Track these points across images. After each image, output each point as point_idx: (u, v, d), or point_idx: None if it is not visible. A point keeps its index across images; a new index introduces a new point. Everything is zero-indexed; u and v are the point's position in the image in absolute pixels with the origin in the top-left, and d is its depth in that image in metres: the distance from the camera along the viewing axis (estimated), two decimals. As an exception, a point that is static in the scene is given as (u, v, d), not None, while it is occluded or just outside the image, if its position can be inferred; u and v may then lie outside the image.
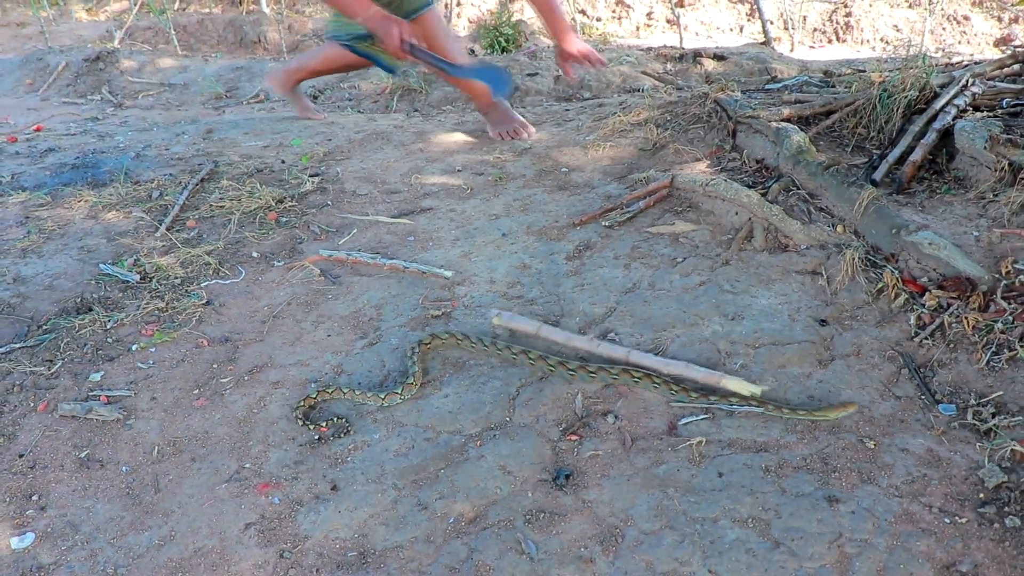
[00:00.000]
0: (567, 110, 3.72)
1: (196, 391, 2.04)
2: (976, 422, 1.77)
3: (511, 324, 2.11)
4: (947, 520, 1.54)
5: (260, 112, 4.60)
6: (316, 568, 1.55)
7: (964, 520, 1.54)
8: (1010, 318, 1.98)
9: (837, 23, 7.29)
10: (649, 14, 7.58)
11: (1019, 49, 3.26)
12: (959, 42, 6.77)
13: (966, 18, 6.96)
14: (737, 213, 2.49)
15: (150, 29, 7.15)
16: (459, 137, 3.54)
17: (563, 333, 2.06)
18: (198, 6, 8.29)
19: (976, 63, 3.39)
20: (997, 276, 2.11)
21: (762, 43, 5.78)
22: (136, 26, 7.00)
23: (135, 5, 7.26)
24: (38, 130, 4.27)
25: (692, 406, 1.85)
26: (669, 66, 4.53)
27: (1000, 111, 2.78)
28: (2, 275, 2.53)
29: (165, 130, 4.07)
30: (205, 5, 8.19)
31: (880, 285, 2.17)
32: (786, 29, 6.88)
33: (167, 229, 2.80)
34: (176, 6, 7.90)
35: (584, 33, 6.75)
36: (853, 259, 2.22)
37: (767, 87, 3.43)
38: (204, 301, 2.38)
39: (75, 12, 8.26)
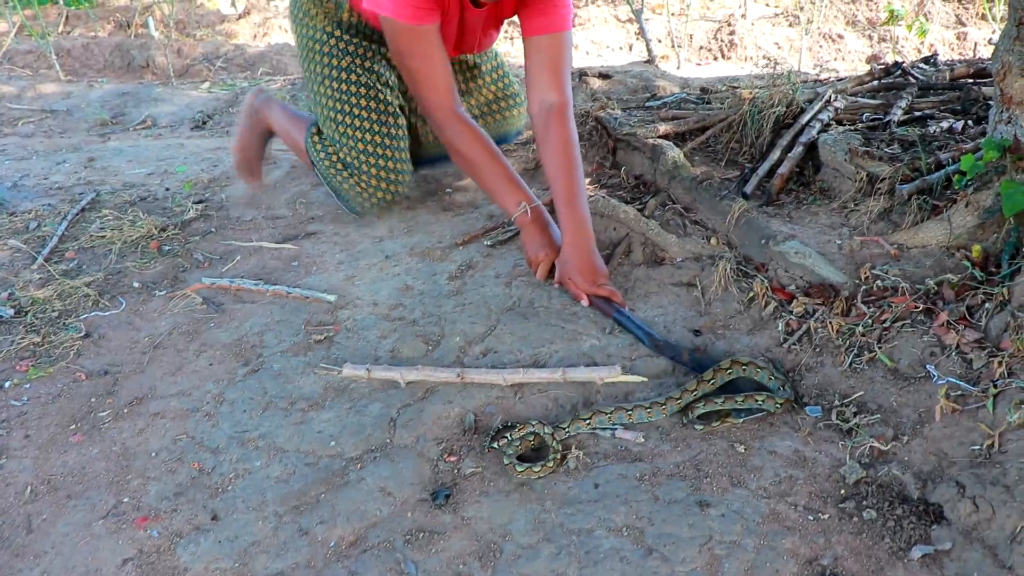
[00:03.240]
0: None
1: (73, 426, 2.00)
2: (839, 422, 1.85)
3: (361, 373, 2.09)
4: (811, 517, 1.61)
5: (147, 139, 4.52)
6: (194, 600, 1.54)
7: (826, 516, 1.62)
8: (869, 321, 2.07)
9: (722, 41, 7.49)
10: (540, 33, 7.66)
11: (877, 67, 3.42)
12: (835, 59, 7.03)
13: (840, 36, 7.25)
14: (615, 229, 2.55)
15: (31, 53, 6.94)
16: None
17: (420, 371, 2.06)
18: (84, 29, 8.09)
19: (839, 79, 3.54)
20: (858, 281, 2.21)
21: (646, 61, 5.92)
22: (16, 49, 6.80)
23: (14, 28, 7.05)
24: (-91, 161, 4.12)
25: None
26: (556, 85, 4.60)
27: (861, 125, 2.92)
28: None
29: (45, 158, 3.97)
30: (91, 29, 7.99)
31: (751, 294, 2.25)
32: (673, 47, 7.03)
33: (45, 260, 2.74)
34: (60, 29, 7.69)
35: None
36: (725, 270, 2.30)
37: (647, 104, 3.52)
38: (83, 334, 2.34)
39: (-51, 36, 7.98)
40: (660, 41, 6.99)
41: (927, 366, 1.92)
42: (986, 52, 6.38)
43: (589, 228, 2.32)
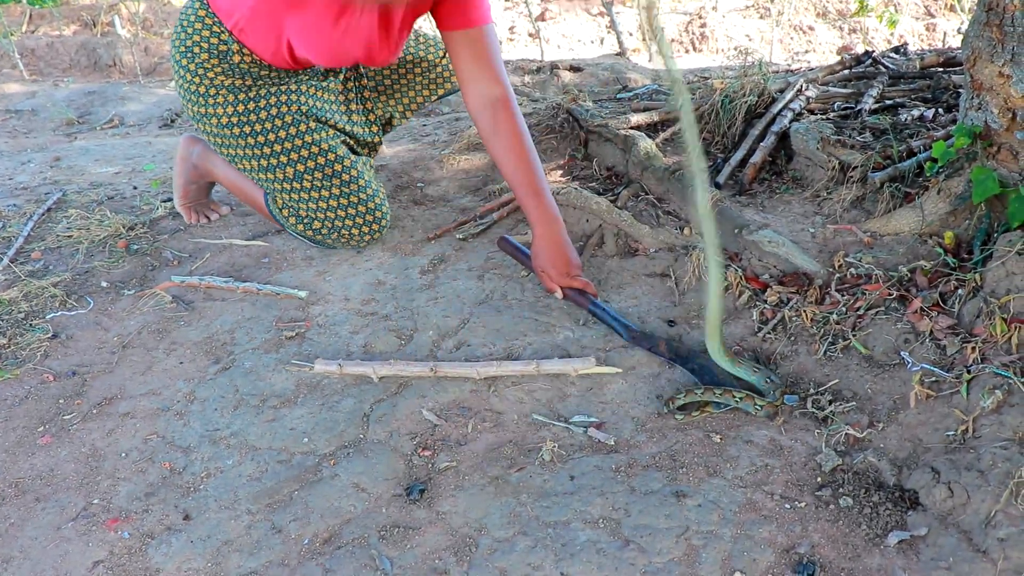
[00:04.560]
0: (424, 125, 3.73)
1: (41, 428, 1.97)
2: (815, 410, 1.85)
3: (333, 369, 2.06)
4: (787, 506, 1.61)
5: (114, 138, 4.47)
6: (166, 601, 1.51)
7: (803, 504, 1.61)
8: (843, 309, 2.07)
9: (693, 33, 7.51)
10: (512, 28, 7.67)
11: (848, 56, 3.43)
12: (806, 51, 7.07)
13: (811, 28, 7.30)
14: (588, 220, 2.54)
15: (-6, 54, 6.85)
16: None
17: (392, 365, 2.03)
18: (48, 28, 7.99)
19: (810, 69, 3.55)
20: (831, 270, 2.22)
21: (617, 54, 5.92)
22: (-24, 50, 6.70)
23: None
24: None
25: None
26: (528, 78, 4.60)
27: (832, 114, 2.93)
28: None
29: (9, 159, 3.91)
30: (56, 28, 7.90)
31: (725, 284, 2.24)
32: (644, 40, 7.05)
33: (11, 261, 2.70)
34: (24, 28, 7.59)
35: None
36: (699, 260, 2.30)
37: (619, 96, 3.52)
38: (50, 334, 2.30)
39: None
40: (631, 34, 7.00)
41: (901, 353, 1.92)
42: (956, 42, 6.43)
43: (559, 218, 2.27)
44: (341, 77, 2.60)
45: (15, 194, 3.33)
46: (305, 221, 2.53)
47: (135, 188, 3.29)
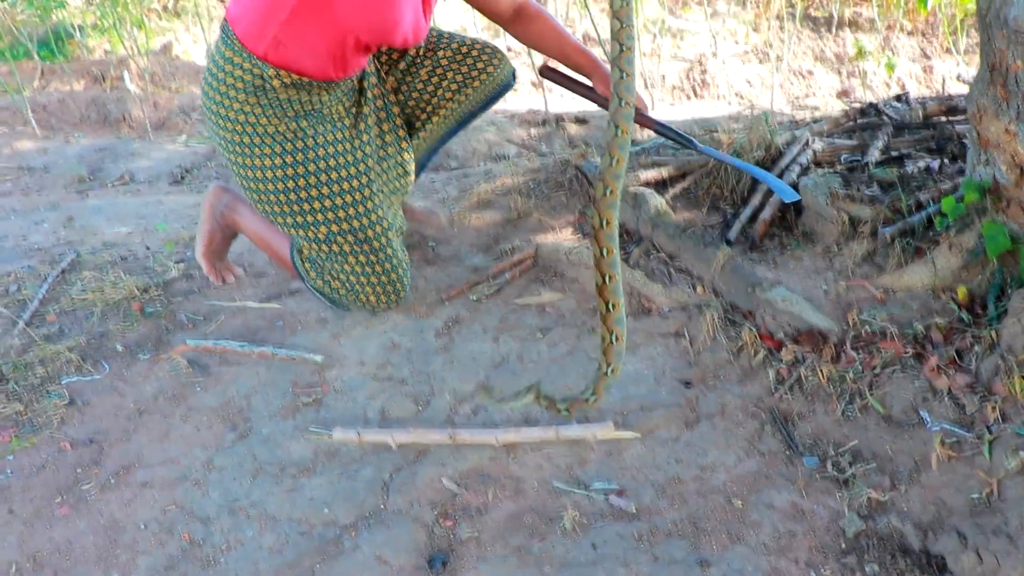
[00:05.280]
0: (433, 181, 3.75)
1: (59, 498, 1.97)
2: (835, 472, 1.85)
3: (351, 437, 2.07)
4: (813, 574, 1.61)
5: (126, 196, 4.50)
6: None
7: (828, 572, 1.61)
8: (859, 367, 2.08)
9: (694, 80, 7.56)
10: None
11: (852, 107, 3.46)
12: (806, 95, 7.12)
13: (810, 72, 7.35)
14: (601, 279, 2.55)
15: (7, 109, 6.92)
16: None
17: (411, 433, 2.05)
18: (59, 84, 8.07)
19: (815, 121, 3.58)
20: (846, 327, 2.22)
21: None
22: (-11, 106, 6.77)
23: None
24: None
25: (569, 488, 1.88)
26: (533, 131, 4.63)
27: (840, 166, 2.95)
28: None
29: (23, 217, 3.94)
30: (67, 83, 7.98)
31: (740, 343, 2.25)
32: (647, 87, 7.09)
33: (26, 325, 2.71)
34: (36, 84, 7.68)
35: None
36: (713, 319, 2.30)
37: (627, 150, 3.54)
38: (67, 400, 2.31)
39: (-78, 94, 7.93)
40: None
41: (920, 412, 1.92)
42: (954, 86, 6.48)
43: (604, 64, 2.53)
44: (374, 117, 2.59)
45: (30, 255, 3.35)
46: (326, 279, 2.52)
47: (148, 248, 3.31)
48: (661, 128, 2.45)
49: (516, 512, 1.80)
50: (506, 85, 2.77)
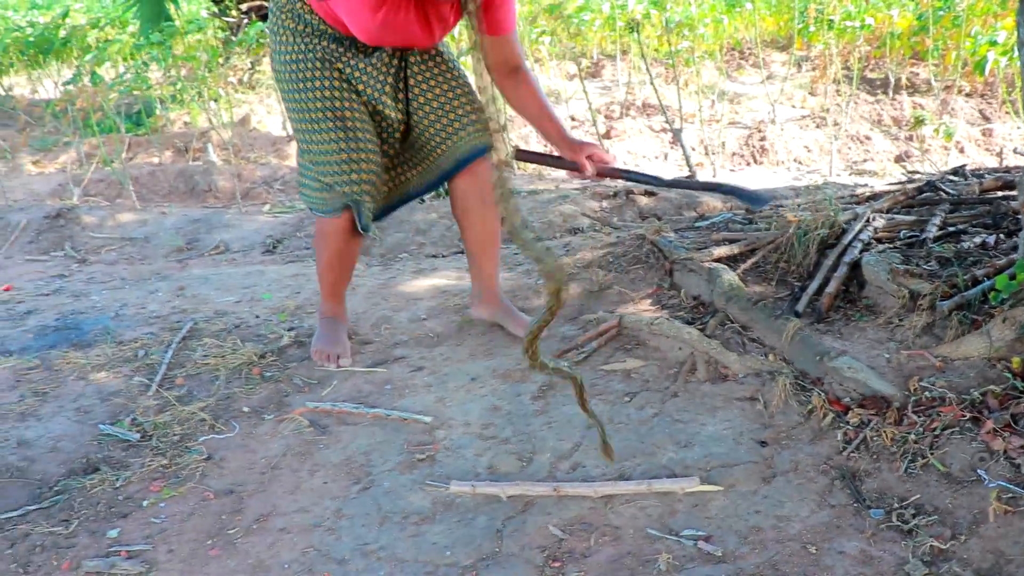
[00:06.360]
0: (515, 254, 4.04)
1: (209, 541, 2.25)
2: (900, 523, 2.06)
3: (466, 489, 2.33)
4: (881, 613, 1.82)
5: (224, 265, 4.85)
6: None
7: (895, 612, 1.82)
8: (921, 430, 2.30)
9: (753, 146, 7.80)
10: (579, 147, 8.02)
11: (909, 186, 3.69)
12: (864, 160, 7.31)
13: (867, 138, 7.56)
14: (680, 348, 2.81)
15: (102, 181, 7.36)
16: (420, 284, 3.83)
17: (520, 485, 2.31)
18: (145, 155, 8.52)
19: (874, 196, 3.81)
20: (907, 393, 2.44)
21: (688, 176, 6.23)
22: (88, 179, 7.23)
23: (84, 157, 7.49)
24: (7, 290, 4.45)
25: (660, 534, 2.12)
26: (605, 203, 4.92)
27: (899, 242, 3.18)
28: (5, 440, 2.71)
29: (136, 287, 4.28)
30: (152, 155, 8.44)
31: (810, 407, 2.48)
32: (707, 155, 7.35)
33: (158, 387, 3.02)
34: (123, 156, 8.13)
35: (519, 168, 7.11)
36: (785, 385, 2.54)
37: (696, 224, 3.81)
38: (205, 456, 2.60)
39: (24, 166, 8.45)
40: (694, 149, 7.31)
41: (978, 471, 2.14)
42: (1012, 159, 6.61)
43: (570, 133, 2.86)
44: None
45: (150, 323, 3.68)
46: (309, 177, 2.83)
47: (257, 317, 3.63)
48: (628, 176, 2.81)
49: (616, 555, 2.05)
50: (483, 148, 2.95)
